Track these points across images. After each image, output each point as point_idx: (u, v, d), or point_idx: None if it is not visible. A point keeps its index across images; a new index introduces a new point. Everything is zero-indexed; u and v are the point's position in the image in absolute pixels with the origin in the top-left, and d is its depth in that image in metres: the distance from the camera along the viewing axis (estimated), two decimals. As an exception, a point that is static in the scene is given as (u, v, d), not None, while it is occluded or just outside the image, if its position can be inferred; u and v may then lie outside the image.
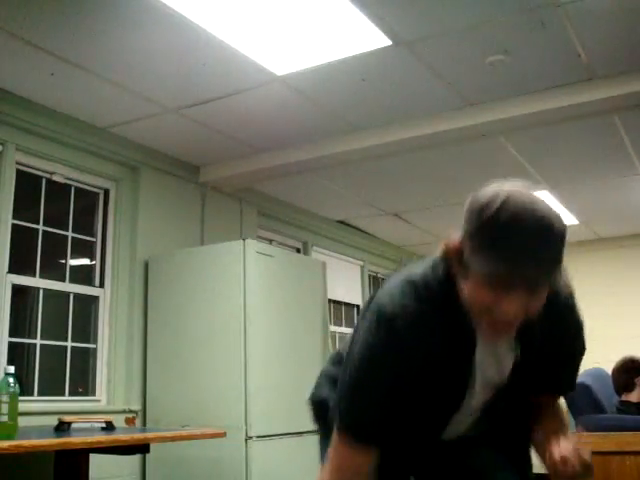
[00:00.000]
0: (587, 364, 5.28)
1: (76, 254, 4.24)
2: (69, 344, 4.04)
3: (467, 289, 1.28)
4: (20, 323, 3.82)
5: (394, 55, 3.34)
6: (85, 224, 4.27)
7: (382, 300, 1.38)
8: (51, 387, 3.95)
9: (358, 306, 6.97)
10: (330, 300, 6.21)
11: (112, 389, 4.14)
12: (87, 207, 4.31)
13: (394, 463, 1.43)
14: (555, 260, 1.23)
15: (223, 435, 3.28)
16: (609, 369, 4.10)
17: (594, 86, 3.67)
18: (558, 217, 1.24)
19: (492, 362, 1.40)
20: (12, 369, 2.40)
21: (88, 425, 3.18)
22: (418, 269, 1.41)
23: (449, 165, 4.93)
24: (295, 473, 3.89)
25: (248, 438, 3.74)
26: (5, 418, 2.30)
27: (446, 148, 4.50)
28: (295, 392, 3.69)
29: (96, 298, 4.21)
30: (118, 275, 4.28)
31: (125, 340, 4.25)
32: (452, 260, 1.31)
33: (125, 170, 4.44)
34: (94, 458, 3.27)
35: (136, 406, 4.17)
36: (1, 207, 3.64)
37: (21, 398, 2.48)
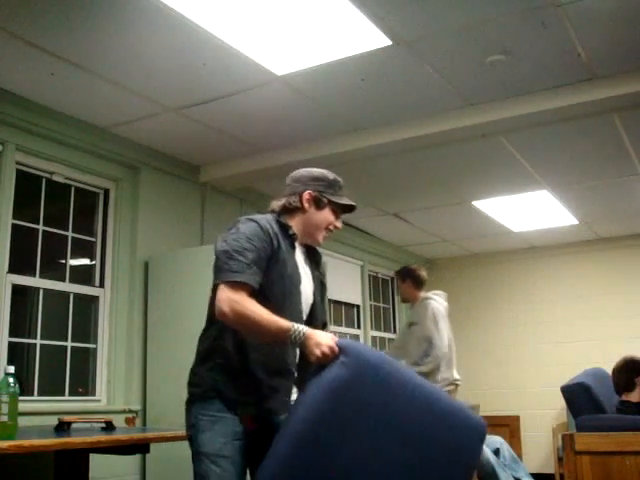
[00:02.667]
0: (587, 364, 5.33)
1: (76, 254, 4.24)
2: (69, 344, 4.05)
3: (319, 218, 2.35)
4: (20, 323, 3.82)
5: (394, 55, 3.34)
6: (85, 224, 4.27)
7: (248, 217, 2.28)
8: (51, 387, 3.95)
9: (358, 306, 6.97)
10: (330, 300, 6.21)
11: (112, 389, 4.14)
12: (87, 207, 4.31)
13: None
14: (356, 208, 2.50)
15: (223, 435, 3.27)
16: (609, 369, 4.10)
17: (594, 86, 3.67)
18: None
19: (304, 274, 2.31)
20: (12, 369, 2.39)
21: (88, 425, 3.18)
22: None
23: (449, 165, 4.93)
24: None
25: (248, 438, 3.74)
26: (5, 418, 2.30)
27: (446, 148, 4.50)
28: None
29: (96, 298, 4.22)
30: (118, 275, 4.28)
31: (125, 340, 4.25)
32: (307, 202, 2.34)
33: (125, 170, 4.44)
34: (94, 458, 3.27)
35: (136, 406, 4.17)
36: (1, 207, 3.64)
37: (21, 398, 2.48)
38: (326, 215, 2.37)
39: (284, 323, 2.04)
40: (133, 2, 2.85)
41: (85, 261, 4.33)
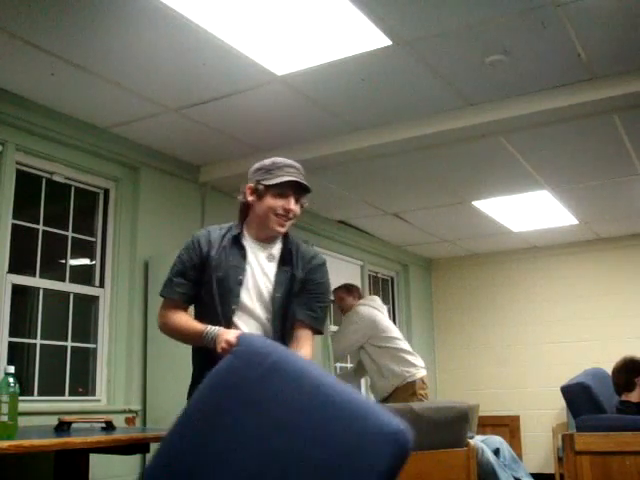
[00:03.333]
0: (587, 364, 5.33)
1: (76, 254, 4.24)
2: (69, 344, 4.05)
3: (262, 206, 2.32)
4: (20, 323, 3.82)
5: (394, 55, 3.34)
6: (85, 224, 4.27)
7: None
8: (51, 387, 3.95)
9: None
10: (331, 300, 6.21)
11: (112, 389, 4.14)
12: (87, 207, 4.31)
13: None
14: (304, 182, 2.33)
15: (223, 435, 3.27)
16: (609, 369, 4.10)
17: (594, 86, 3.67)
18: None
19: (259, 272, 2.33)
20: (12, 369, 2.39)
21: (88, 425, 3.17)
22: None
23: (449, 165, 4.93)
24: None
25: (248, 438, 3.73)
26: (5, 418, 2.30)
27: (446, 148, 4.50)
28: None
29: (96, 298, 4.22)
30: (118, 275, 4.28)
31: (125, 340, 4.25)
32: (249, 196, 2.35)
33: (125, 170, 4.44)
34: (94, 458, 3.27)
35: (136, 406, 4.17)
36: (1, 207, 3.64)
37: (21, 398, 2.47)
38: (268, 202, 2.33)
39: (199, 327, 2.24)
40: (133, 2, 2.85)
41: (85, 261, 4.33)
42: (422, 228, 6.70)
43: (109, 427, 3.06)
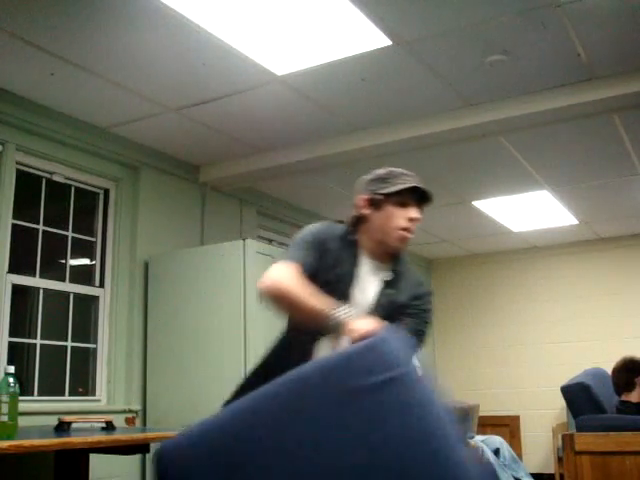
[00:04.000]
0: (587, 364, 5.33)
1: (76, 254, 4.24)
2: (69, 344, 4.05)
3: (382, 218, 2.12)
4: (20, 323, 3.82)
5: (394, 55, 3.34)
6: (85, 224, 4.27)
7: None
8: (51, 387, 3.95)
9: (358, 306, 6.96)
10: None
11: (112, 389, 4.14)
12: (87, 207, 4.31)
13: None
14: (426, 189, 2.17)
15: (223, 435, 3.27)
16: (609, 369, 4.10)
17: (594, 86, 3.67)
18: None
19: (363, 289, 2.13)
20: (12, 369, 2.39)
21: (88, 425, 3.17)
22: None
23: (449, 165, 4.93)
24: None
25: (248, 438, 3.73)
26: (5, 418, 2.30)
27: (446, 148, 4.50)
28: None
29: (96, 298, 4.22)
30: (118, 275, 4.28)
31: (125, 340, 4.25)
32: (364, 208, 2.14)
33: (125, 170, 4.44)
34: (94, 458, 3.27)
35: (136, 406, 4.17)
36: (1, 207, 3.64)
37: (21, 398, 2.47)
38: (389, 212, 2.12)
39: (324, 304, 1.91)
40: (133, 2, 2.85)
41: (85, 261, 4.33)
42: (422, 228, 6.69)
43: (109, 427, 3.06)
